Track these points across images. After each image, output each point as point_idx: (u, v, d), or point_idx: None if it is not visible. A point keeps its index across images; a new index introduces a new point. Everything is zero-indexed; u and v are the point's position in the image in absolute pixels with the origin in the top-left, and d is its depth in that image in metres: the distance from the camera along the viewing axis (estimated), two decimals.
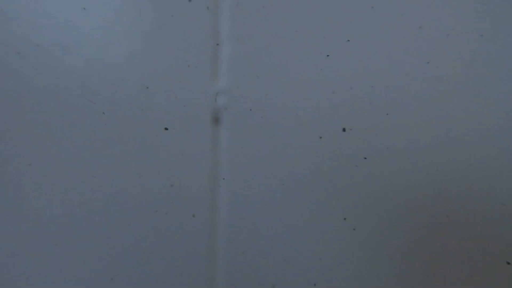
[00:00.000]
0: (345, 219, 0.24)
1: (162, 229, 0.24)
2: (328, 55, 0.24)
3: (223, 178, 0.25)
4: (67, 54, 0.22)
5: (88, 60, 0.23)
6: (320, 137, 0.24)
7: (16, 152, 0.22)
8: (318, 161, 0.24)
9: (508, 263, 0.21)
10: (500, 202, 0.21)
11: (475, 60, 0.22)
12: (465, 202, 0.22)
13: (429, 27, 0.22)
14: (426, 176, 0.23)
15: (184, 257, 0.24)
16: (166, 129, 0.24)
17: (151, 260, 0.24)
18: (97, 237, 0.23)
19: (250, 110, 0.25)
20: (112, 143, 0.23)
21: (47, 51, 0.22)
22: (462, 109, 0.22)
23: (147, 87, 0.24)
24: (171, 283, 0.24)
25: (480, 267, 0.22)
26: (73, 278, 0.23)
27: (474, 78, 0.22)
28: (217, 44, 0.24)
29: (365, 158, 0.24)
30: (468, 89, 0.22)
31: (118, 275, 0.23)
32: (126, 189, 0.24)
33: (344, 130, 0.24)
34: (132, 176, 0.24)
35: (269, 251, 0.25)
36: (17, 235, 0.22)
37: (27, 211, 0.22)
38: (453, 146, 0.22)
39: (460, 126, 0.22)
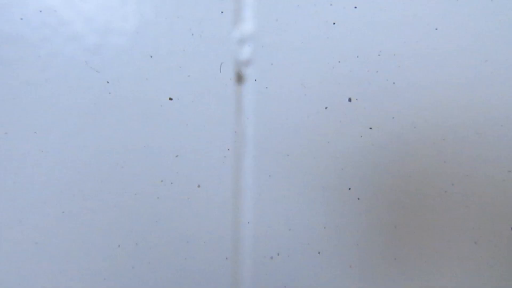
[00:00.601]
0: (349, 188, 0.24)
1: (167, 199, 0.24)
2: (334, 23, 0.23)
3: (228, 149, 0.25)
4: (71, 22, 0.22)
5: (92, 28, 0.23)
6: (326, 107, 0.24)
7: (22, 120, 0.22)
8: (323, 131, 0.24)
9: None
10: (506, 170, 0.21)
11: (485, 25, 0.21)
12: (470, 170, 0.22)
13: None
14: (432, 145, 0.23)
15: (189, 226, 0.25)
16: (171, 99, 0.24)
17: (157, 229, 0.24)
18: (104, 205, 0.24)
19: (255, 80, 0.24)
20: (116, 112, 0.23)
21: (50, 18, 0.22)
22: (470, 76, 0.22)
23: (151, 56, 0.24)
24: (177, 250, 0.25)
25: (484, 234, 0.22)
26: (81, 244, 0.23)
27: (483, 44, 0.21)
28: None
29: (371, 128, 0.24)
30: (477, 56, 0.22)
31: (125, 242, 0.24)
32: (132, 159, 0.24)
33: (350, 100, 0.24)
34: (138, 146, 0.24)
35: (274, 220, 0.25)
36: (25, 202, 0.22)
37: (34, 178, 0.22)
38: (460, 114, 0.22)
39: (468, 94, 0.22)
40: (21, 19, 0.21)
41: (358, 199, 0.24)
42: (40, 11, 0.22)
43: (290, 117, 0.25)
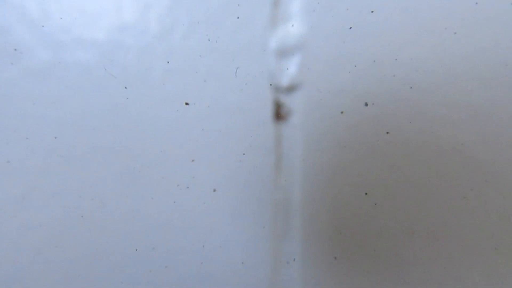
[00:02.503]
0: (366, 194, 0.24)
1: (183, 203, 0.25)
2: (350, 27, 0.23)
3: (243, 154, 0.25)
4: (89, 28, 0.23)
5: (111, 34, 0.23)
6: (342, 112, 0.24)
7: (42, 125, 0.22)
8: (339, 136, 0.24)
9: None
10: None
11: (505, 30, 0.21)
12: (490, 175, 0.22)
13: None
14: (450, 150, 0.23)
15: (205, 230, 0.25)
16: (187, 104, 0.24)
17: (174, 233, 0.24)
18: (121, 209, 0.24)
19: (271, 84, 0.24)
20: (133, 117, 0.24)
21: (69, 24, 0.22)
22: (489, 81, 0.22)
23: (168, 62, 0.24)
24: (193, 254, 0.25)
25: (505, 240, 0.22)
26: (99, 248, 0.23)
27: (503, 48, 0.21)
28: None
29: (387, 132, 0.24)
30: (497, 60, 0.21)
31: (142, 247, 0.24)
32: (148, 163, 0.24)
33: (366, 104, 0.24)
34: (154, 151, 0.24)
35: (290, 225, 0.25)
36: (44, 207, 0.23)
37: (53, 183, 0.23)
38: (478, 118, 0.22)
39: (487, 98, 0.22)
40: (43, 26, 0.22)
41: (375, 204, 0.24)
42: (61, 18, 0.22)
43: (305, 122, 0.24)
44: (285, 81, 0.24)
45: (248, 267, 0.25)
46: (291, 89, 0.24)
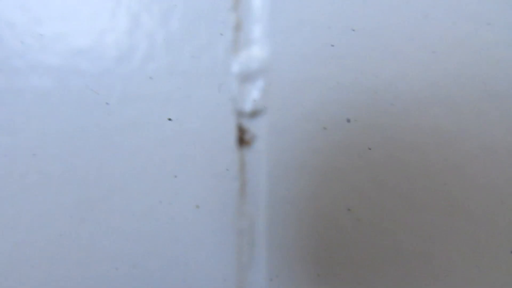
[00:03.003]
0: (349, 209, 0.24)
1: (166, 220, 0.24)
2: (332, 45, 0.23)
3: (227, 169, 0.25)
4: (70, 44, 0.22)
5: (92, 49, 0.23)
6: (324, 128, 0.24)
7: (21, 142, 0.22)
8: (322, 152, 0.24)
9: None
10: (507, 193, 0.21)
11: (482, 49, 0.21)
12: (472, 192, 0.22)
13: (435, 15, 0.22)
14: (432, 167, 0.23)
15: (188, 247, 0.25)
16: (170, 119, 0.24)
17: (155, 251, 0.24)
18: (101, 228, 0.23)
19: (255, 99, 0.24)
20: (116, 133, 0.23)
21: (49, 40, 0.22)
22: (469, 99, 0.22)
23: (151, 77, 0.24)
24: (175, 272, 0.24)
25: (486, 257, 0.22)
26: (78, 267, 0.23)
27: (481, 68, 0.22)
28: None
29: (370, 148, 0.24)
30: (475, 80, 0.22)
31: (123, 265, 0.24)
32: (130, 180, 0.24)
33: (348, 120, 0.24)
34: (136, 167, 0.24)
35: (272, 242, 0.25)
36: (22, 225, 0.22)
37: (32, 201, 0.22)
38: (460, 135, 0.22)
39: (467, 116, 0.22)
40: (22, 42, 0.22)
41: (358, 220, 0.24)
42: (41, 35, 0.22)
43: (288, 137, 0.25)
44: (248, 106, 0.24)
45: (232, 285, 0.25)
46: (255, 114, 0.24)
